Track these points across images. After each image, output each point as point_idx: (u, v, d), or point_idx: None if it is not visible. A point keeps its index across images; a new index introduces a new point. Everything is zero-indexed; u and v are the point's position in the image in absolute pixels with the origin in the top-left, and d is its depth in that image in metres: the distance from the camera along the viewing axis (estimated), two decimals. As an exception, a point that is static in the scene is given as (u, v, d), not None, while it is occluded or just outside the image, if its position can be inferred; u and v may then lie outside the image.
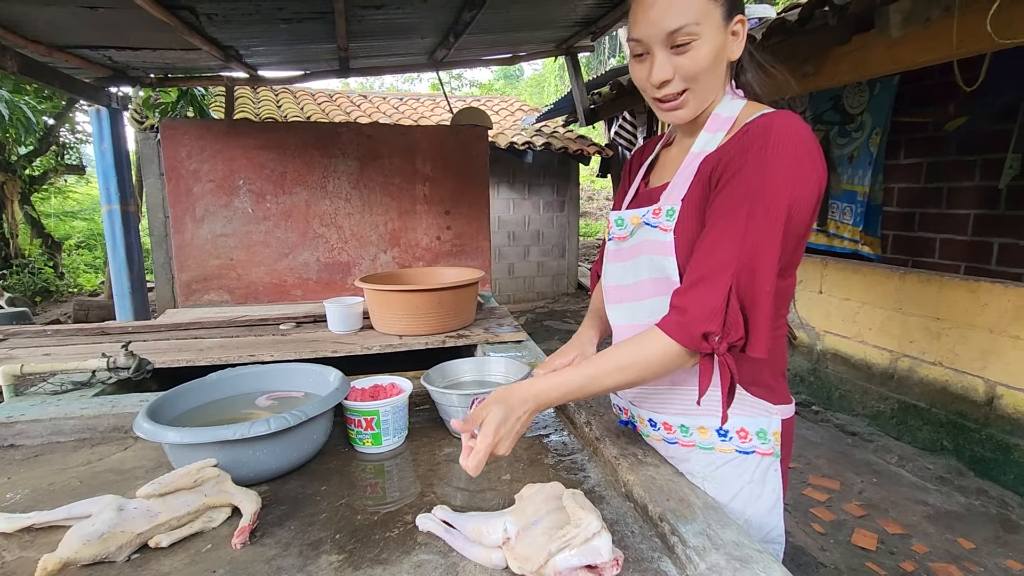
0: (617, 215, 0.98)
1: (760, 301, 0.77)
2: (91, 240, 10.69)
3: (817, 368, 3.78)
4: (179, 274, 2.71)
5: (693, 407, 0.91)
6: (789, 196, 0.76)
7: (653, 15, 0.80)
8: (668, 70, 0.83)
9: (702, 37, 0.80)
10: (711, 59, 0.82)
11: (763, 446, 0.90)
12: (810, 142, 0.78)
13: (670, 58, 0.82)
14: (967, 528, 2.39)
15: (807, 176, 0.78)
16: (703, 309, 0.77)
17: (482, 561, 0.74)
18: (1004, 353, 2.66)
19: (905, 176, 4.19)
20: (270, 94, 7.56)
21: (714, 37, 0.81)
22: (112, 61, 3.38)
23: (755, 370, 0.88)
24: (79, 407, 1.23)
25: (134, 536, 0.76)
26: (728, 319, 0.77)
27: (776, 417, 0.91)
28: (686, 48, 0.81)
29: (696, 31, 0.80)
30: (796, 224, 0.78)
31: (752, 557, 0.72)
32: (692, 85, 0.84)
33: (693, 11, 0.79)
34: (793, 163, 0.77)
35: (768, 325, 0.78)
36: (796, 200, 0.77)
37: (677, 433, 0.94)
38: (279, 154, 2.74)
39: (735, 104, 0.88)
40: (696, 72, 0.82)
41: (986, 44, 2.13)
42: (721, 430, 0.90)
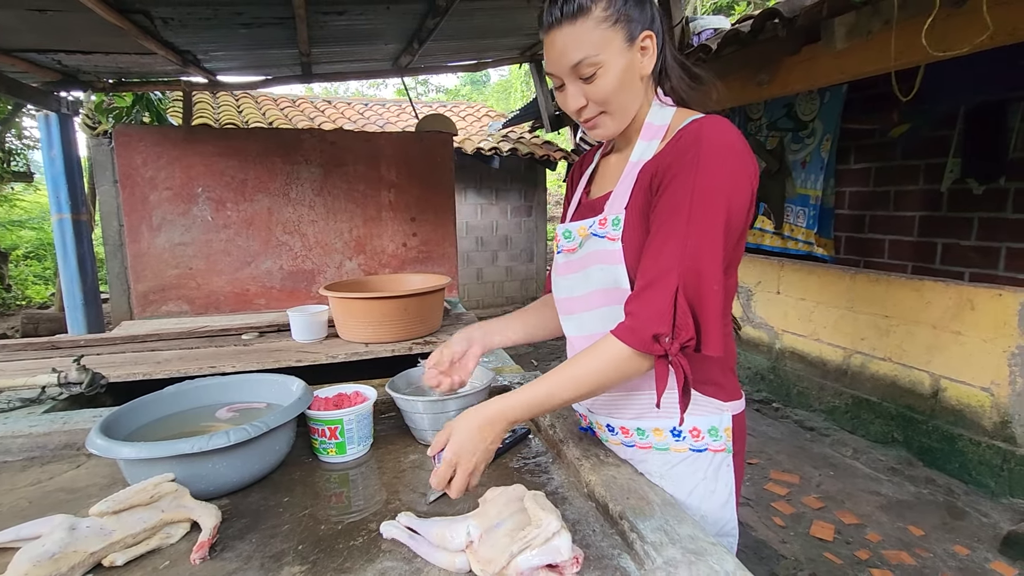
0: (564, 227, 1.00)
1: (708, 300, 0.80)
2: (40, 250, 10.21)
3: (776, 366, 3.90)
4: (135, 284, 2.63)
5: (648, 411, 0.93)
6: (726, 196, 0.80)
7: (556, 52, 0.86)
8: (580, 98, 0.88)
9: (605, 65, 0.85)
10: (617, 83, 0.86)
11: (715, 443, 0.94)
12: (739, 144, 0.83)
13: (580, 87, 0.87)
14: (917, 516, 2.51)
15: (739, 176, 0.82)
16: (651, 312, 0.80)
17: (446, 565, 0.75)
18: (947, 348, 2.81)
19: (855, 180, 4.38)
20: (231, 99, 7.39)
21: (617, 62, 0.85)
22: (62, 65, 3.27)
23: (705, 368, 0.91)
24: (27, 425, 1.19)
25: (87, 556, 0.74)
26: (677, 320, 0.79)
27: (727, 413, 0.94)
28: (592, 77, 0.85)
29: (597, 60, 0.84)
30: (735, 222, 0.82)
31: (706, 550, 0.75)
32: (605, 107, 0.89)
33: (590, 44, 0.84)
34: (726, 165, 0.81)
35: (719, 323, 0.80)
36: (732, 200, 0.81)
37: (634, 436, 0.97)
38: (240, 161, 2.69)
39: (665, 112, 0.92)
40: (604, 96, 0.87)
41: (922, 56, 2.25)
42: (675, 431, 0.93)
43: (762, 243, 4.38)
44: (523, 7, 2.94)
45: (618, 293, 0.90)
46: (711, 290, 0.80)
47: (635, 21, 0.86)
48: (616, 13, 0.84)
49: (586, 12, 0.83)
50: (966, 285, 2.74)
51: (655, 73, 0.92)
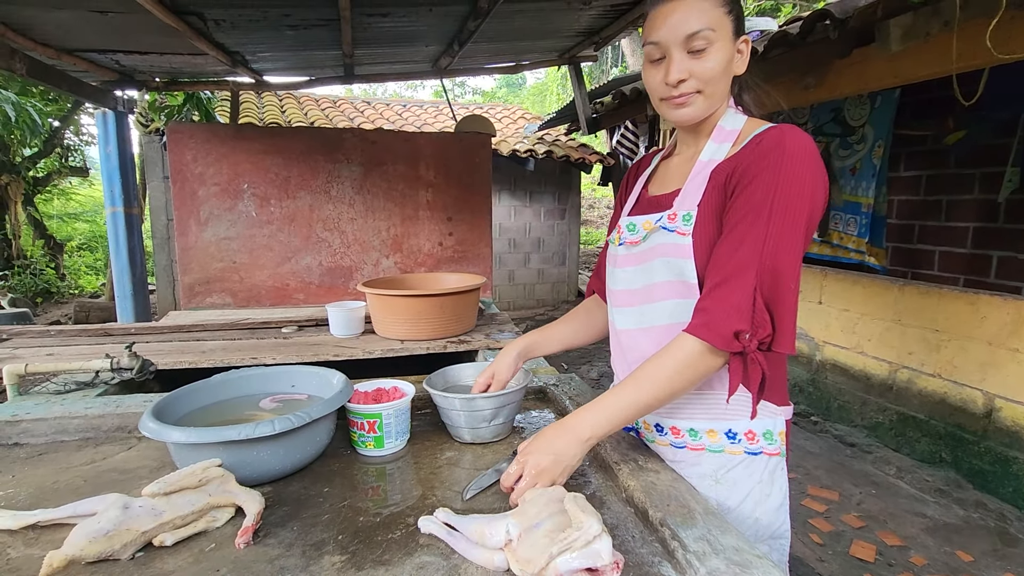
0: (629, 220, 1.01)
1: (785, 299, 0.81)
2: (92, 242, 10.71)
3: (816, 379, 3.78)
4: (182, 276, 2.72)
5: (701, 411, 0.93)
6: (808, 199, 0.82)
7: (674, 19, 0.87)
8: (684, 70, 0.88)
9: (717, 43, 0.87)
10: (723, 65, 0.88)
11: (770, 447, 0.93)
12: (817, 153, 0.85)
13: (687, 60, 0.88)
14: (965, 541, 2.38)
15: (819, 182, 0.84)
16: (729, 307, 0.81)
17: (484, 563, 0.75)
18: (1003, 366, 2.67)
19: (905, 188, 4.22)
20: (274, 99, 7.60)
21: (726, 46, 0.88)
22: (119, 65, 3.41)
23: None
24: (83, 407, 1.24)
25: (139, 534, 0.77)
26: (756, 317, 0.80)
27: (781, 418, 0.94)
28: (702, 52, 0.87)
29: (712, 37, 0.86)
30: (812, 227, 0.84)
31: (752, 562, 0.72)
32: (705, 88, 0.89)
33: (710, 18, 0.86)
34: (809, 169, 0.83)
35: (792, 322, 0.82)
36: (813, 203, 0.83)
37: (685, 437, 0.96)
38: (284, 159, 2.76)
39: (738, 118, 0.93)
40: (710, 75, 0.88)
41: (985, 59, 2.15)
42: (730, 432, 0.93)
43: (809, 251, 4.26)
44: (563, 9, 2.93)
45: (683, 287, 0.90)
46: (787, 288, 0.81)
47: (741, 21, 0.90)
48: (730, 4, 0.88)
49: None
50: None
51: (738, 79, 0.95)
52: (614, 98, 4.68)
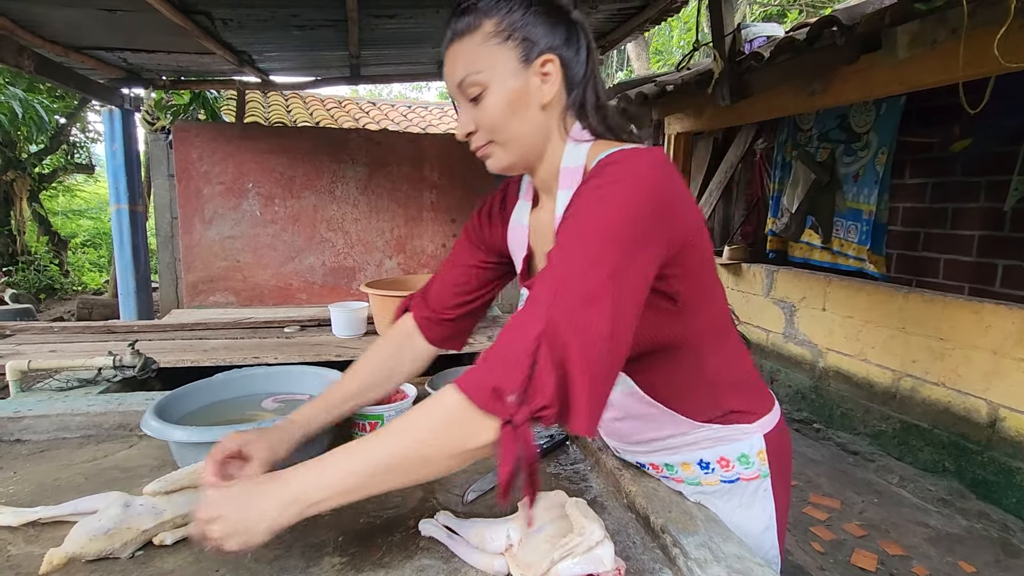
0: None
1: (587, 362, 0.61)
2: (97, 239, 10.75)
3: (819, 386, 3.77)
4: (186, 275, 2.73)
5: (672, 446, 0.88)
6: (629, 236, 0.65)
7: (446, 69, 0.79)
8: (468, 123, 0.79)
9: (493, 84, 0.75)
10: (504, 108, 0.75)
11: (747, 471, 0.86)
12: (659, 178, 0.68)
13: (470, 110, 0.78)
14: (968, 551, 2.37)
15: (644, 219, 0.66)
16: (499, 357, 0.63)
17: (484, 567, 0.74)
18: (1007, 375, 2.65)
19: (910, 196, 4.20)
20: (280, 99, 7.62)
21: (506, 84, 0.75)
22: (127, 63, 3.43)
23: (711, 403, 0.84)
24: (85, 404, 1.24)
25: (139, 533, 0.77)
26: (534, 377, 0.60)
27: (756, 435, 0.85)
28: (478, 99, 0.76)
29: (481, 80, 0.75)
30: (638, 270, 0.66)
31: (753, 571, 0.72)
32: (493, 136, 0.78)
33: (476, 59, 0.75)
34: (636, 200, 0.66)
35: (589, 391, 0.61)
36: (631, 245, 0.65)
37: (664, 471, 0.92)
38: (289, 158, 2.77)
39: (580, 150, 0.78)
40: (490, 123, 0.77)
41: (992, 67, 2.14)
42: (702, 463, 0.87)
43: (810, 257, 4.25)
44: (571, 12, 2.93)
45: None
46: (593, 349, 0.61)
47: (535, 41, 0.75)
48: (509, 29, 0.74)
49: (476, 27, 0.75)
50: (1031, 310, 2.58)
51: (572, 107, 0.79)
52: (619, 102, 4.68)
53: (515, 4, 0.75)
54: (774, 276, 4.11)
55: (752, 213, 5.21)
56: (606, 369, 0.63)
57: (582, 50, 0.79)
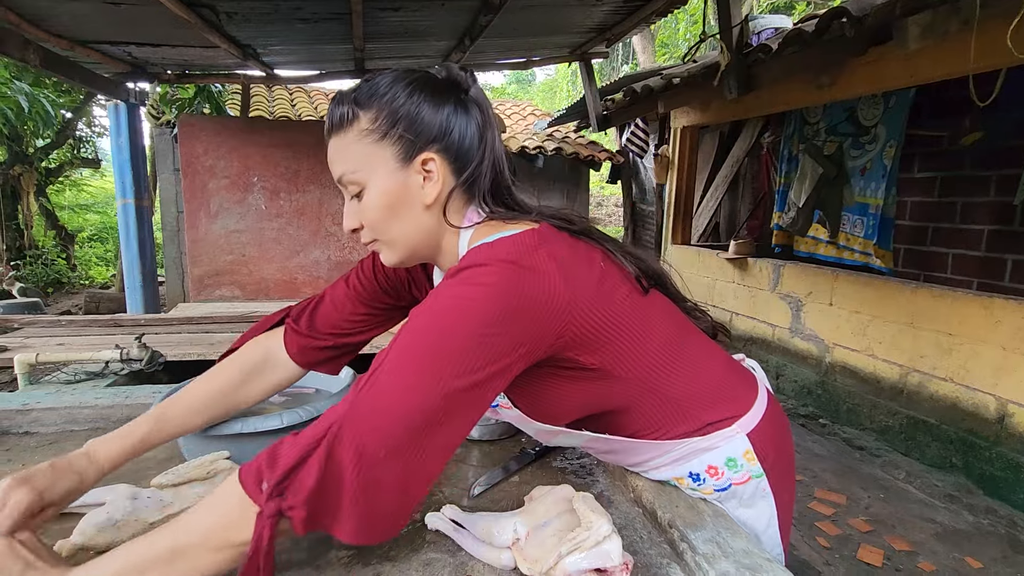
0: None
1: (367, 469, 0.58)
2: (103, 233, 10.80)
3: (825, 381, 3.75)
4: (192, 269, 2.74)
5: (660, 465, 0.86)
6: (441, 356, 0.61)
7: (328, 159, 0.75)
8: (353, 220, 0.75)
9: (370, 182, 0.72)
10: (384, 208, 0.72)
11: (736, 475, 0.82)
12: (498, 284, 0.63)
13: (354, 205, 0.75)
14: (975, 547, 2.36)
15: (478, 332, 0.61)
16: (284, 448, 0.60)
17: (491, 561, 0.74)
18: (1016, 371, 2.63)
19: (918, 190, 4.17)
20: (285, 93, 7.61)
21: (383, 184, 0.71)
22: (132, 57, 3.43)
23: (684, 421, 0.80)
24: (93, 396, 1.24)
25: (146, 525, 0.77)
26: (298, 475, 0.58)
27: (739, 436, 0.81)
28: (360, 195, 0.73)
29: (357, 179, 0.72)
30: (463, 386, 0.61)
31: (762, 566, 0.71)
32: (375, 235, 0.75)
33: (352, 156, 0.72)
34: (455, 308, 0.63)
35: (370, 505, 0.59)
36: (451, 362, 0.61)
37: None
38: (294, 152, 2.77)
39: (464, 239, 0.75)
40: (370, 222, 0.73)
41: (1003, 59, 2.12)
42: (692, 475, 0.84)
43: (815, 252, 4.22)
44: (575, 5, 2.92)
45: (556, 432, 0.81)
46: (374, 454, 0.58)
47: (416, 135, 0.71)
48: (386, 126, 0.70)
49: (351, 122, 0.71)
50: (1041, 305, 2.56)
51: (464, 188, 0.75)
52: (625, 95, 4.66)
53: (395, 93, 0.71)
54: (780, 271, 4.09)
55: (758, 207, 5.18)
56: (393, 486, 0.60)
57: (474, 128, 0.74)
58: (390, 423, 0.59)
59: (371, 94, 0.72)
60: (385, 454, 0.59)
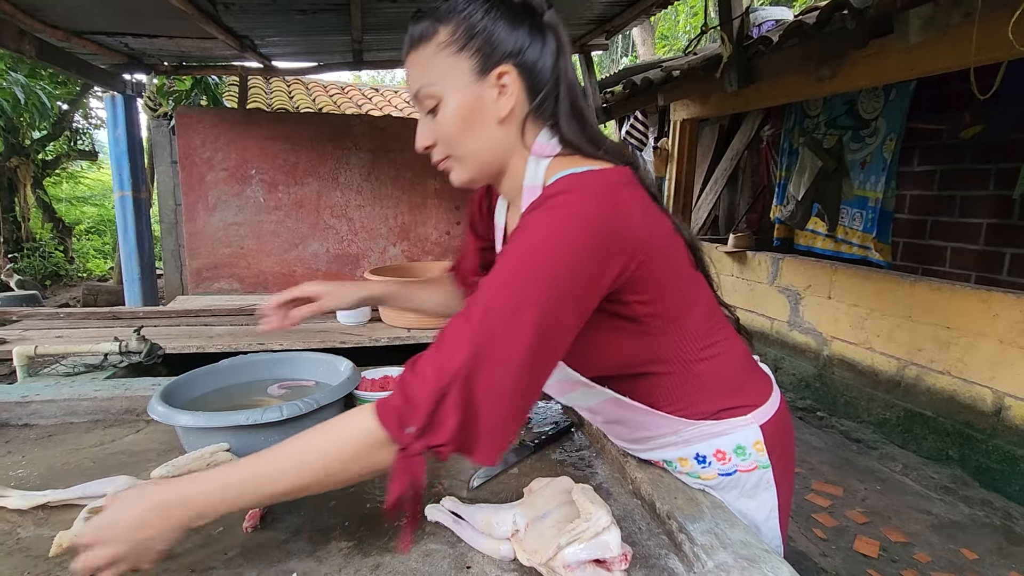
0: None
1: (499, 403, 0.63)
2: (101, 226, 10.76)
3: (823, 374, 3.76)
4: (190, 261, 2.73)
5: (667, 443, 0.87)
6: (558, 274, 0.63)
7: (406, 76, 0.77)
8: (426, 136, 0.77)
9: (446, 97, 0.73)
10: (460, 122, 0.73)
11: (744, 463, 0.84)
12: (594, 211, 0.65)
13: (428, 122, 0.76)
14: (970, 539, 2.38)
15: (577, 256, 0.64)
16: (412, 388, 0.64)
17: (490, 552, 0.75)
18: (1014, 364, 2.64)
19: (917, 183, 4.16)
20: (282, 85, 7.57)
21: (459, 96, 0.72)
22: (128, 48, 3.40)
23: (703, 403, 0.82)
24: (92, 389, 1.24)
25: (147, 516, 0.77)
26: (439, 413, 0.62)
27: (752, 426, 0.83)
28: (435, 111, 0.74)
29: (434, 92, 0.73)
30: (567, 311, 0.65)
31: (760, 557, 0.72)
32: (449, 150, 0.76)
33: (430, 70, 0.73)
34: (564, 240, 0.64)
35: (500, 432, 0.64)
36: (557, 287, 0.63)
37: (664, 466, 0.91)
38: (292, 144, 2.75)
39: (539, 167, 0.75)
40: (445, 136, 0.75)
41: (1005, 52, 2.10)
42: (699, 457, 0.85)
43: (813, 245, 4.22)
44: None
45: (578, 383, 0.82)
46: (501, 389, 0.62)
47: (492, 49, 0.71)
48: (463, 39, 0.71)
49: (430, 36, 0.72)
50: (1039, 298, 2.56)
51: (540, 117, 0.76)
52: (624, 88, 4.64)
53: (473, 8, 0.72)
54: (779, 264, 4.09)
55: (758, 200, 5.17)
56: (518, 407, 0.65)
57: (549, 54, 0.74)
58: (511, 356, 0.62)
59: (450, 10, 0.73)
60: (509, 385, 0.63)
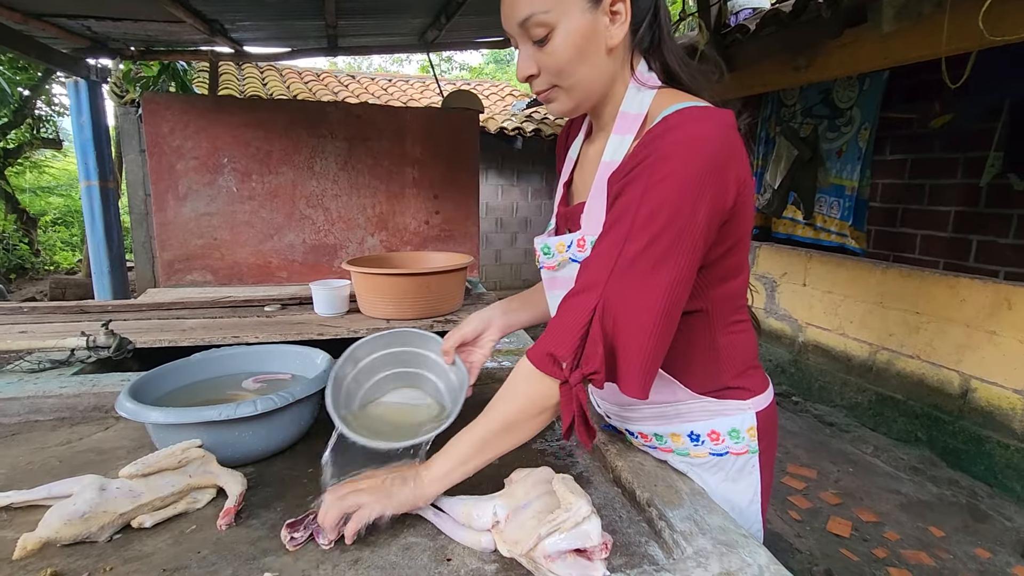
0: (543, 243, 0.88)
1: (635, 333, 0.68)
2: (68, 217, 10.42)
3: (798, 360, 3.84)
4: (161, 253, 2.66)
5: (666, 415, 0.88)
6: (688, 213, 0.66)
7: (506, 5, 0.74)
8: (530, 65, 0.75)
9: (558, 26, 0.71)
10: (572, 50, 0.72)
11: (736, 445, 0.86)
12: (717, 146, 0.67)
13: (532, 52, 0.74)
14: (938, 517, 2.46)
15: (707, 185, 0.66)
16: (557, 328, 0.72)
17: (471, 544, 0.74)
18: (979, 348, 2.73)
19: (889, 172, 4.25)
20: (255, 71, 7.38)
21: (575, 24, 0.71)
22: (91, 32, 3.27)
23: (712, 376, 0.84)
24: (58, 386, 1.20)
25: (116, 516, 0.75)
26: (586, 346, 0.69)
27: (750, 412, 0.86)
28: (544, 40, 0.72)
29: (548, 19, 0.71)
30: (696, 239, 0.68)
31: (738, 542, 0.73)
32: (558, 80, 0.75)
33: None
34: (694, 174, 0.66)
35: (641, 361, 0.68)
36: (692, 213, 0.66)
37: (653, 441, 0.92)
38: (265, 132, 2.68)
39: (643, 97, 0.76)
40: (557, 66, 0.73)
41: (975, 41, 2.15)
42: (693, 435, 0.87)
43: (794, 233, 4.28)
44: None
45: None
46: (638, 321, 0.67)
47: None
48: None
49: None
50: (1004, 284, 2.64)
51: (638, 46, 0.77)
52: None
53: None
54: (756, 252, 4.15)
55: (735, 189, 5.21)
56: (655, 341, 0.68)
57: None
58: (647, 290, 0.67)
59: None
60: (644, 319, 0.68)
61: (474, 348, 1.04)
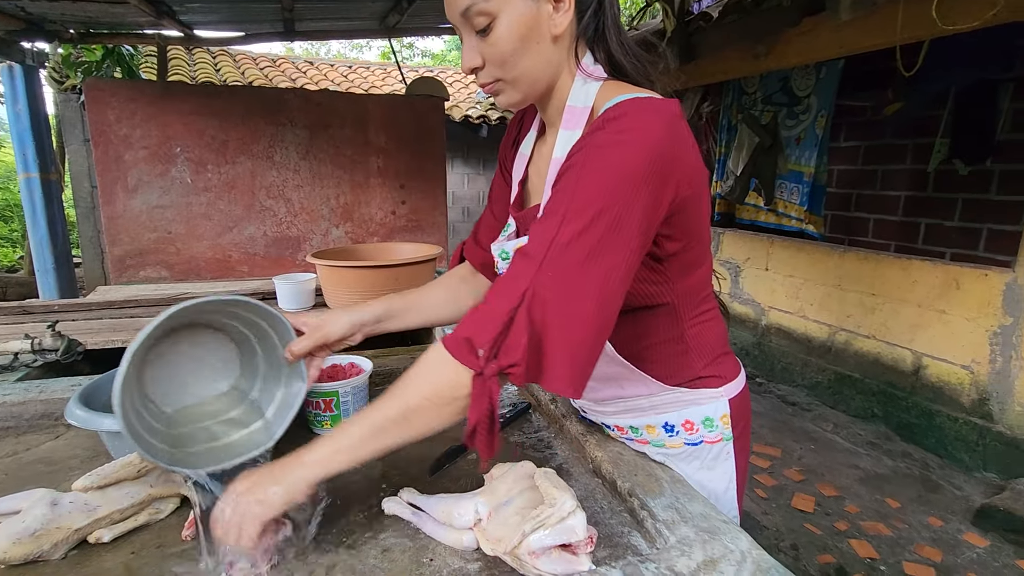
0: (500, 248, 0.83)
1: (566, 324, 0.63)
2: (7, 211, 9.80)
3: (762, 342, 3.95)
4: (110, 248, 2.52)
5: (639, 407, 0.88)
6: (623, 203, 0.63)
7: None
8: (474, 57, 0.73)
9: (500, 15, 0.69)
10: (516, 40, 0.70)
11: (710, 434, 0.87)
12: (663, 136, 0.65)
13: (476, 42, 0.72)
14: (894, 489, 2.57)
15: (638, 183, 0.64)
16: (480, 315, 0.65)
17: (453, 543, 0.73)
18: (930, 326, 2.85)
19: (844, 158, 4.38)
20: (207, 56, 7.07)
21: (517, 12, 0.69)
22: (25, 12, 3.06)
23: (682, 367, 0.84)
24: (1, 392, 1.12)
25: (71, 532, 0.70)
26: (509, 337, 0.62)
27: (722, 399, 0.86)
28: (487, 30, 0.70)
29: (489, 8, 0.68)
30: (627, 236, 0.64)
31: (719, 528, 0.73)
32: (502, 73, 0.73)
33: None
34: (636, 163, 0.63)
35: (573, 356, 0.63)
36: (620, 211, 0.63)
37: (629, 433, 0.92)
38: (220, 120, 2.57)
39: (589, 88, 0.74)
40: (500, 56, 0.71)
41: (928, 30, 2.21)
42: (667, 425, 0.87)
43: (756, 219, 4.38)
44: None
45: None
46: (570, 310, 0.63)
47: None
48: None
49: None
50: (953, 265, 2.77)
51: (583, 35, 0.75)
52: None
53: None
54: (720, 238, 4.23)
55: (698, 176, 5.30)
56: (589, 334, 0.64)
57: None
58: (582, 277, 0.63)
59: None
60: (577, 308, 0.63)
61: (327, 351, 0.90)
